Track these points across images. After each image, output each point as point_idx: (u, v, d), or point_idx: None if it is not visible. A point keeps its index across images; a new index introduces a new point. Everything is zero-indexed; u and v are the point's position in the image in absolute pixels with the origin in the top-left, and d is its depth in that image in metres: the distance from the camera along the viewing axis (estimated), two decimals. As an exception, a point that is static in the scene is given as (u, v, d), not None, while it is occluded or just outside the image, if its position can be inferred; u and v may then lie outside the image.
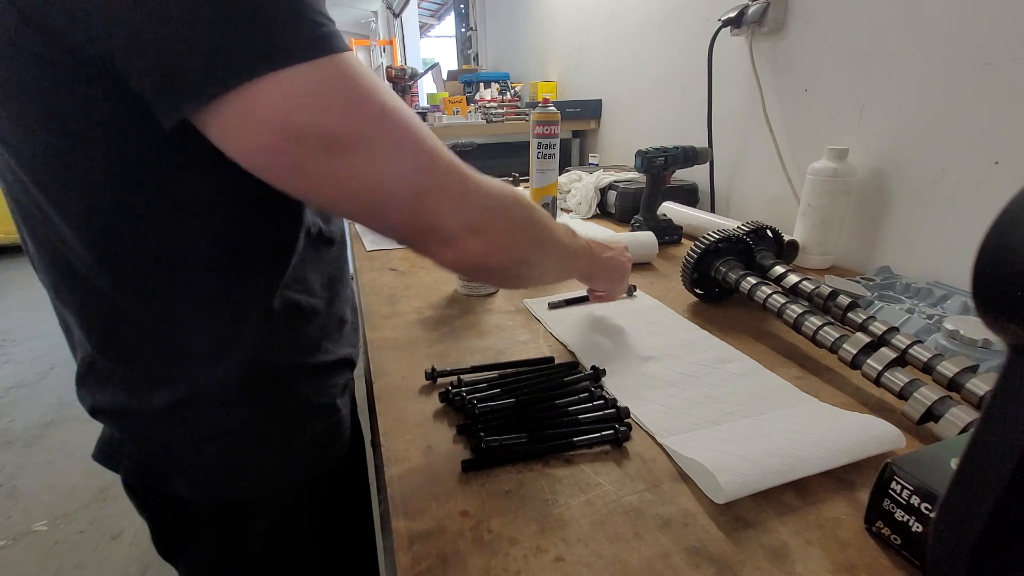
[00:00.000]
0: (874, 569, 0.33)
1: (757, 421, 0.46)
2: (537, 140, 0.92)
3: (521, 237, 0.40)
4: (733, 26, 1.06)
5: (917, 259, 0.80)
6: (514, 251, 0.40)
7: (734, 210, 1.19)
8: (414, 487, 0.40)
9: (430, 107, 2.36)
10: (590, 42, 1.85)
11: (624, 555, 0.34)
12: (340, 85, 0.31)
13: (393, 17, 6.28)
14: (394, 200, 0.34)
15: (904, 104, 0.79)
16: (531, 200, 0.42)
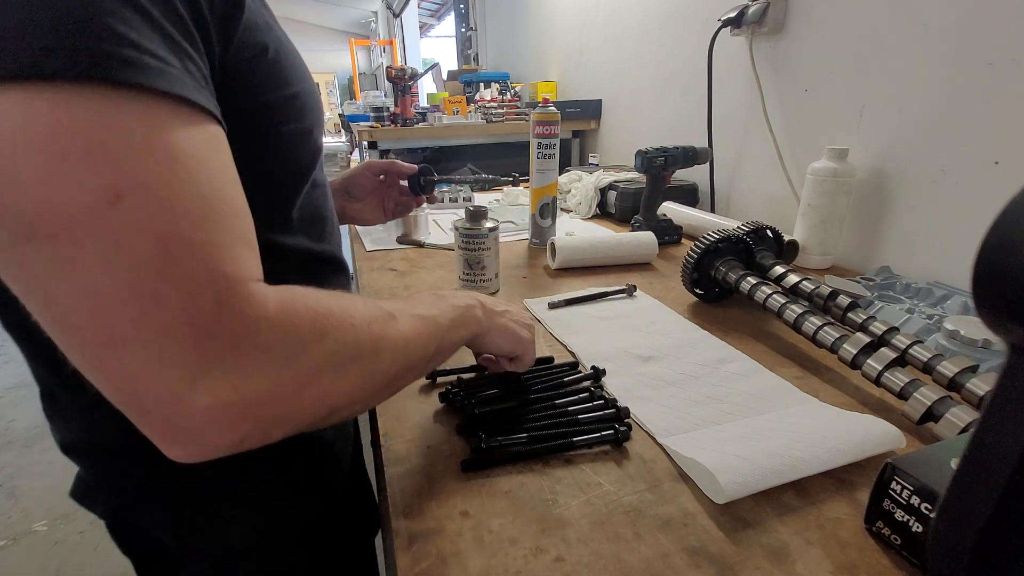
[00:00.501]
0: (874, 569, 0.33)
1: (757, 421, 0.46)
2: (537, 140, 0.92)
3: (321, 391, 0.28)
4: (733, 26, 1.06)
5: (917, 259, 0.80)
6: (309, 413, 0.28)
7: (734, 210, 1.19)
8: (414, 487, 0.40)
9: (430, 107, 2.36)
10: (590, 42, 1.85)
11: (624, 555, 0.34)
12: (60, 134, 0.21)
13: (393, 17, 6.29)
14: (75, 339, 0.23)
15: (904, 104, 0.79)
16: (355, 308, 0.32)
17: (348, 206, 0.72)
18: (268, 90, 0.35)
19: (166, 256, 0.23)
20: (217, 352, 0.24)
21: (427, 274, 0.86)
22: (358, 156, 3.59)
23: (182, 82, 0.25)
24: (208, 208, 0.25)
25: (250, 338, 0.25)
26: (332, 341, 0.29)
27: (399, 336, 0.34)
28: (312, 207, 0.44)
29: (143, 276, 0.23)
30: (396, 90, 1.92)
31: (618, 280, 0.81)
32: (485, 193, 1.55)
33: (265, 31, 0.35)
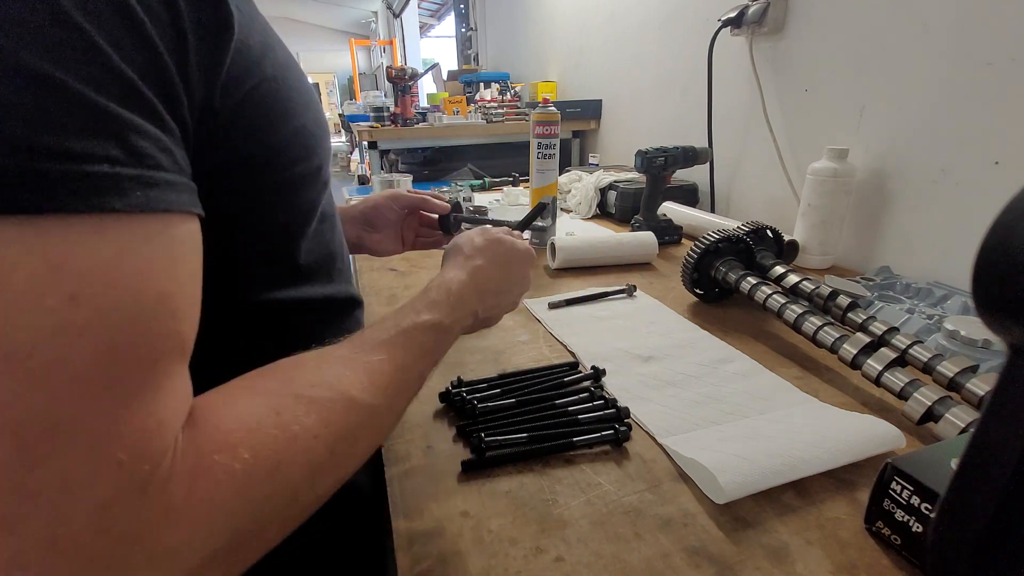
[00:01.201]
0: (874, 569, 0.33)
1: (757, 421, 0.46)
2: (537, 140, 0.92)
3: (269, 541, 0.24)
4: (733, 26, 1.06)
5: (917, 259, 0.80)
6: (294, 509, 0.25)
7: (734, 210, 1.19)
8: (414, 487, 0.40)
9: (430, 107, 2.37)
10: (590, 42, 1.85)
11: (624, 555, 0.34)
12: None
13: (393, 17, 6.29)
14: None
15: (904, 104, 0.79)
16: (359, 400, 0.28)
17: (367, 236, 0.65)
18: (268, 128, 0.31)
19: (26, 461, 0.17)
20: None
21: (427, 274, 0.86)
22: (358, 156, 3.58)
23: (118, 184, 0.19)
24: (114, 363, 0.19)
25: (155, 546, 0.19)
26: (281, 506, 0.23)
27: (374, 436, 0.30)
28: (320, 245, 0.39)
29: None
30: (396, 90, 1.93)
31: (618, 280, 0.81)
32: (485, 193, 1.55)
33: (260, 57, 0.29)
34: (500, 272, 0.44)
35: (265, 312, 0.35)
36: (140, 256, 0.20)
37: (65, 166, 0.18)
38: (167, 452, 0.20)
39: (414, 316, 0.35)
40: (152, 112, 0.21)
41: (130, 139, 0.20)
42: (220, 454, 0.21)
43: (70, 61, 0.18)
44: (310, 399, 0.26)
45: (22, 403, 0.17)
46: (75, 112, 0.18)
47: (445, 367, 0.57)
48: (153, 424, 0.20)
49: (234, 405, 0.24)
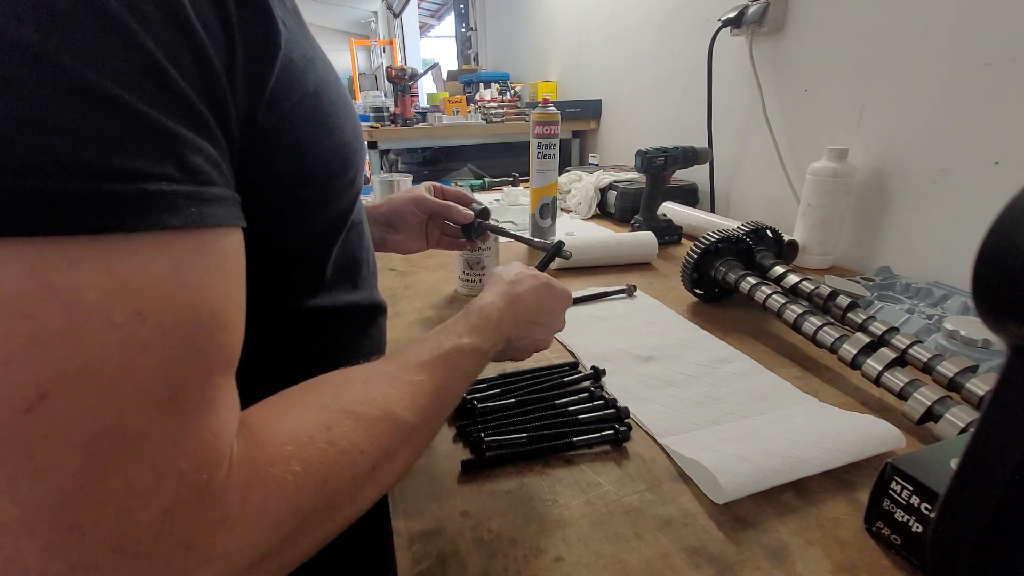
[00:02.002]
0: (874, 569, 0.33)
1: (757, 421, 0.46)
2: (537, 140, 0.92)
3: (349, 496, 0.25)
4: (733, 26, 1.06)
5: (917, 259, 0.80)
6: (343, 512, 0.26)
7: (734, 210, 1.19)
8: (414, 487, 0.40)
9: (430, 107, 2.36)
10: (590, 42, 1.85)
11: (624, 555, 0.34)
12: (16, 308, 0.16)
13: (393, 17, 6.28)
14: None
15: (904, 104, 0.79)
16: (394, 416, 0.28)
17: (390, 238, 0.65)
18: (308, 142, 0.30)
19: (97, 471, 0.17)
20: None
21: (427, 274, 0.86)
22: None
23: (174, 202, 0.19)
24: (176, 376, 0.19)
25: (211, 551, 0.20)
26: (326, 517, 0.24)
27: (412, 455, 0.31)
28: (348, 253, 0.40)
29: (59, 500, 0.17)
30: (396, 90, 1.93)
31: (618, 280, 0.81)
32: (485, 193, 1.55)
33: (303, 72, 0.29)
34: (537, 304, 0.45)
35: (291, 319, 0.35)
36: (195, 271, 0.20)
37: (128, 186, 0.18)
38: (223, 462, 0.21)
39: (456, 339, 0.36)
40: (206, 128, 0.21)
41: (186, 156, 0.20)
42: (274, 467, 0.22)
43: (134, 82, 0.18)
44: (358, 415, 0.26)
45: (93, 416, 0.17)
46: (137, 132, 0.18)
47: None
48: (210, 436, 0.20)
49: (286, 418, 0.25)
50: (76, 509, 0.17)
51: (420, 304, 0.74)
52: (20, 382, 0.16)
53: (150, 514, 0.18)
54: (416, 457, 0.31)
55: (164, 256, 0.19)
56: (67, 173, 0.17)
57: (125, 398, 0.18)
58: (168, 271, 0.19)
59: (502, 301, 0.42)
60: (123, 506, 0.18)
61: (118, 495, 0.18)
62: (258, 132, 0.26)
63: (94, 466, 0.17)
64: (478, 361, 0.37)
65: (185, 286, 0.20)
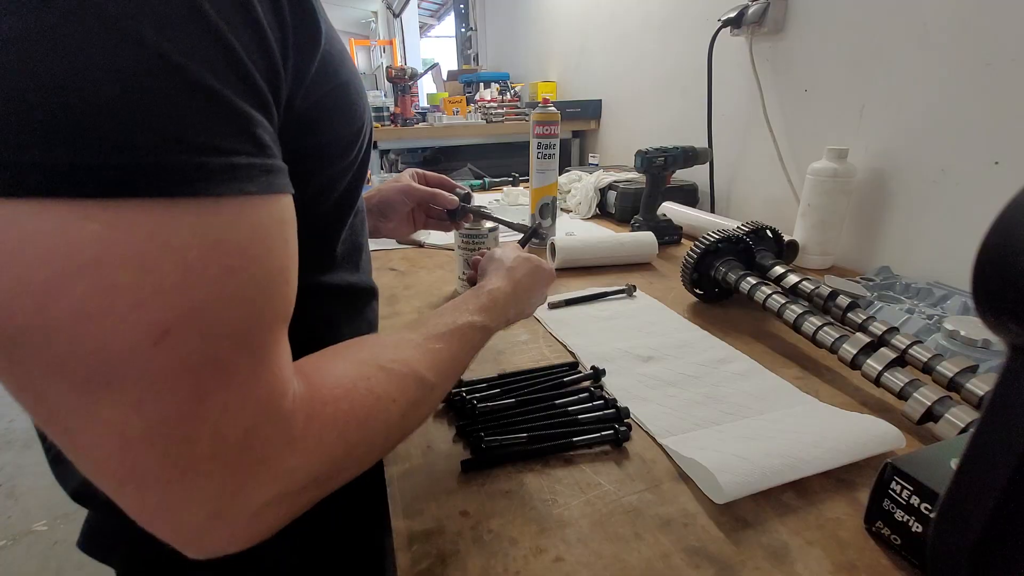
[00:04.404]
0: (874, 569, 0.33)
1: (757, 421, 0.46)
2: (537, 140, 0.92)
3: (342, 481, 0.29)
4: (733, 26, 1.06)
5: (917, 259, 0.80)
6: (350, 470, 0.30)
7: (734, 210, 1.19)
8: (414, 487, 0.40)
9: (430, 107, 2.37)
10: (590, 42, 1.85)
11: (624, 555, 0.34)
12: (108, 261, 0.19)
13: (393, 17, 6.28)
14: (94, 470, 0.22)
15: (904, 104, 0.79)
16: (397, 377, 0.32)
17: (383, 226, 0.71)
18: (332, 130, 0.35)
19: (201, 394, 0.22)
20: (242, 483, 0.23)
21: (427, 274, 0.86)
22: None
23: (250, 173, 0.23)
24: (256, 320, 0.24)
25: (278, 466, 0.25)
26: (364, 450, 0.29)
27: (430, 409, 0.36)
28: (353, 237, 0.44)
29: (175, 418, 0.22)
30: (396, 90, 1.93)
31: (618, 280, 0.81)
32: (485, 193, 1.55)
33: (338, 64, 0.33)
34: (532, 286, 0.51)
35: (305, 294, 0.39)
36: (267, 232, 0.24)
37: (218, 160, 0.21)
38: (288, 394, 0.25)
39: (468, 316, 0.41)
40: (267, 109, 0.25)
41: (257, 133, 0.23)
42: (327, 405, 0.27)
43: (223, 73, 0.22)
44: (390, 371, 0.32)
45: (199, 351, 0.22)
46: (225, 115, 0.22)
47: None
48: (278, 370, 0.25)
49: (334, 368, 0.30)
50: (185, 424, 0.22)
51: (420, 304, 0.74)
52: (150, 321, 0.20)
53: (236, 432, 0.23)
54: (432, 411, 0.37)
55: (245, 219, 0.23)
56: (180, 149, 0.20)
57: (220, 337, 0.22)
58: (247, 232, 0.23)
59: (508, 286, 0.48)
60: (218, 423, 0.22)
61: (214, 414, 0.22)
62: (295, 112, 0.29)
63: (199, 390, 0.22)
64: (485, 337, 0.43)
65: (259, 245, 0.24)
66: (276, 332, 0.25)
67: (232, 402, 0.23)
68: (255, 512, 0.24)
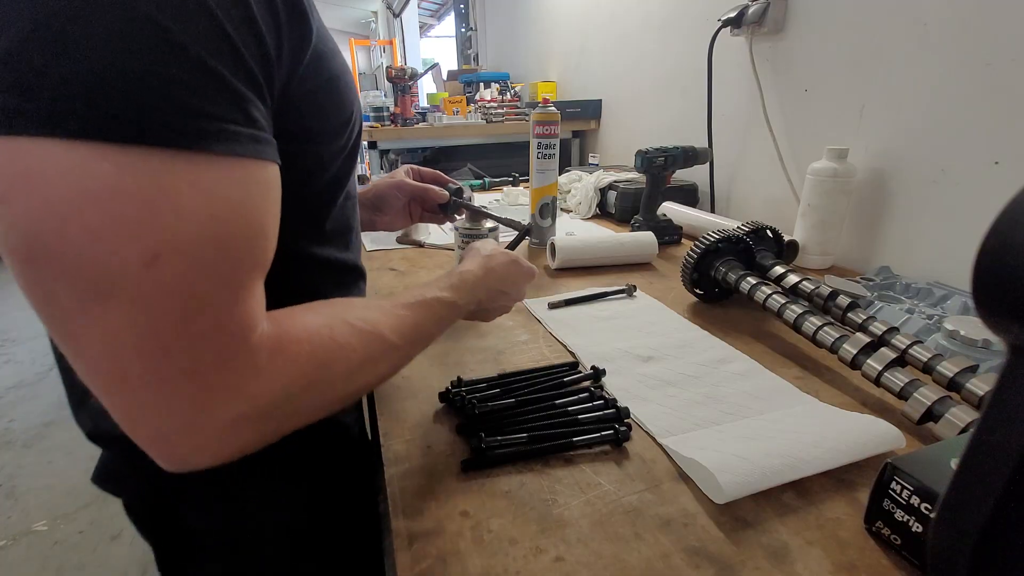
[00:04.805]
0: (874, 569, 0.33)
1: (757, 421, 0.46)
2: (537, 140, 0.92)
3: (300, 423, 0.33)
4: (733, 26, 1.06)
5: (917, 259, 0.80)
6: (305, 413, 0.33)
7: (734, 210, 1.19)
8: (414, 487, 0.40)
9: (430, 107, 2.36)
10: (590, 42, 1.85)
11: (624, 555, 0.34)
12: (116, 196, 0.24)
13: (393, 17, 6.28)
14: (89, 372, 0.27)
15: (904, 104, 0.79)
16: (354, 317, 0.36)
17: (378, 219, 0.75)
18: (324, 116, 0.39)
19: (182, 315, 0.26)
20: (210, 399, 0.27)
21: (427, 274, 0.86)
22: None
23: (239, 138, 0.28)
24: (234, 262, 0.28)
25: (243, 388, 0.28)
26: (323, 388, 0.33)
27: (391, 367, 0.39)
28: (343, 219, 0.47)
29: (159, 331, 0.26)
30: (396, 90, 1.93)
31: (618, 280, 0.81)
32: (485, 193, 1.55)
33: (330, 59, 0.37)
34: (507, 276, 0.54)
35: (295, 262, 0.42)
36: (250, 190, 0.29)
37: (215, 125, 0.26)
38: (256, 330, 0.29)
39: (437, 292, 0.45)
40: (260, 92, 0.30)
41: (249, 109, 0.28)
42: (291, 344, 0.31)
43: (223, 59, 0.27)
44: (353, 326, 0.35)
45: (184, 278, 0.26)
46: (222, 91, 0.27)
47: (445, 367, 0.57)
48: (249, 309, 0.29)
49: (302, 318, 0.33)
50: (166, 339, 0.26)
51: (420, 304, 0.74)
52: (144, 245, 0.24)
53: (208, 354, 0.27)
54: (394, 369, 0.40)
55: (232, 176, 0.27)
56: (180, 111, 0.25)
57: (202, 269, 0.26)
58: (233, 187, 0.28)
59: (480, 271, 0.51)
60: (193, 343, 0.26)
61: (191, 335, 0.26)
62: (289, 99, 0.34)
63: (180, 312, 0.26)
64: (452, 312, 0.46)
65: (243, 200, 0.28)
66: (253, 278, 0.29)
67: (208, 327, 0.27)
68: (222, 428, 0.28)
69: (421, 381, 0.54)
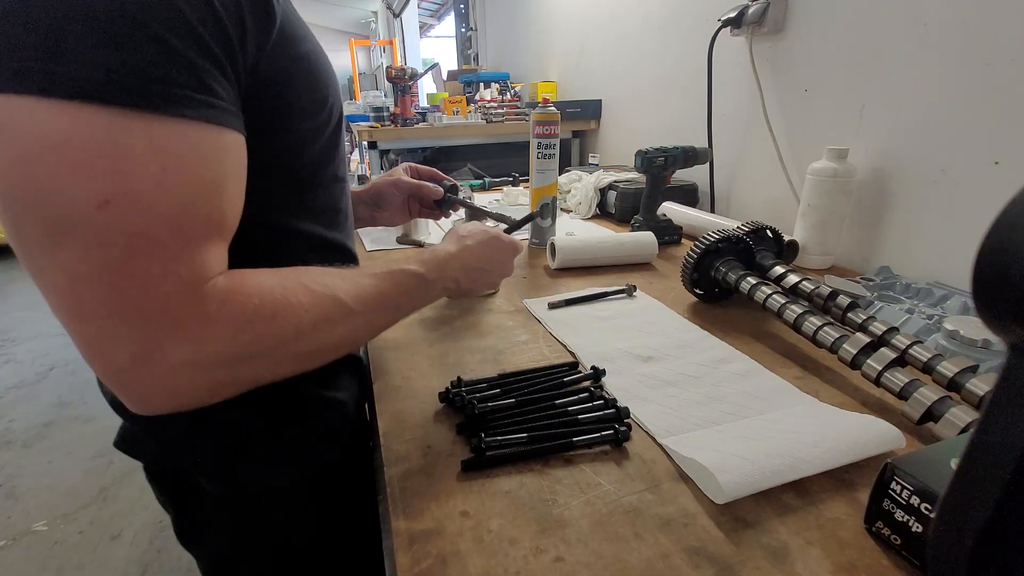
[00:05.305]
0: (874, 569, 0.33)
1: (757, 421, 0.46)
2: (537, 140, 0.92)
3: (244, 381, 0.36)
4: (733, 26, 1.06)
5: (917, 259, 0.80)
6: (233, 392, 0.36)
7: (734, 210, 1.19)
8: (414, 487, 0.40)
9: (430, 107, 2.36)
10: (590, 42, 1.85)
11: (624, 555, 0.34)
12: (72, 145, 0.27)
13: (393, 17, 6.28)
14: (54, 305, 0.30)
15: (904, 104, 0.79)
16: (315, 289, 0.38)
17: (378, 215, 0.77)
18: (297, 94, 0.41)
19: (131, 254, 0.29)
20: (159, 338, 0.30)
21: (427, 274, 0.86)
22: (358, 156, 3.58)
23: (192, 103, 0.30)
24: (184, 214, 0.30)
25: (191, 332, 0.31)
26: (272, 343, 0.35)
27: (348, 332, 0.40)
28: (331, 200, 0.49)
29: (111, 267, 0.28)
30: (396, 90, 1.93)
31: (618, 280, 0.81)
32: (485, 193, 1.55)
33: (299, 42, 0.40)
34: (484, 253, 0.56)
35: (282, 235, 0.44)
36: (202, 151, 0.31)
37: (168, 89, 0.29)
38: (208, 280, 0.32)
39: (404, 264, 0.47)
40: (220, 66, 0.32)
41: (204, 80, 0.31)
42: (241, 296, 0.33)
43: (179, 34, 0.30)
44: (307, 287, 0.37)
45: (133, 221, 0.29)
46: (177, 61, 0.29)
47: (445, 367, 0.57)
48: (201, 261, 0.31)
49: (256, 276, 0.35)
50: (118, 275, 0.29)
51: (420, 304, 0.74)
52: (96, 189, 0.28)
53: (157, 293, 0.30)
54: (352, 336, 0.41)
55: (184, 136, 0.30)
56: (135, 76, 0.28)
57: (153, 215, 0.29)
58: (184, 146, 0.30)
59: (453, 247, 0.54)
60: (144, 282, 0.29)
61: (141, 273, 0.29)
62: (259, 76, 0.36)
63: (131, 250, 0.29)
64: (420, 284, 0.47)
65: (196, 158, 0.31)
66: (208, 232, 0.32)
67: (157, 269, 0.29)
68: (172, 368, 0.31)
69: (421, 381, 0.54)
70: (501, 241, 0.58)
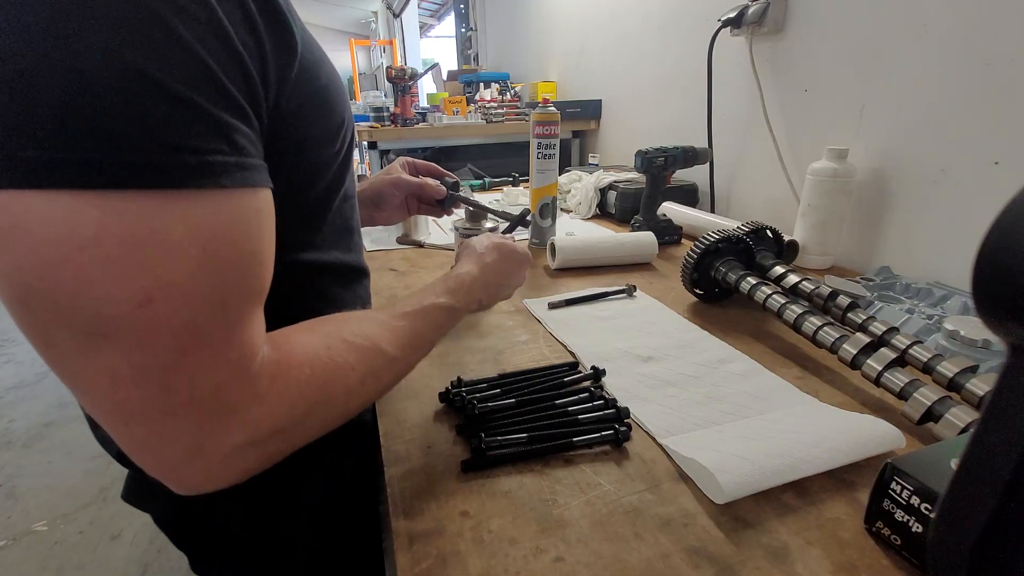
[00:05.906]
0: (874, 569, 0.33)
1: (757, 421, 0.46)
2: (537, 140, 0.92)
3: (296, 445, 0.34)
4: (733, 26, 1.06)
5: (917, 259, 0.80)
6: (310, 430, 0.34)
7: (734, 210, 1.19)
8: (414, 487, 0.40)
9: (430, 107, 2.36)
10: (590, 42, 1.85)
11: (624, 555, 0.34)
12: (104, 239, 0.24)
13: (393, 17, 6.28)
14: (94, 408, 0.27)
15: (904, 104, 0.79)
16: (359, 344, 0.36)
17: (377, 215, 0.76)
18: (316, 125, 0.39)
19: (180, 350, 0.26)
20: (213, 429, 0.28)
21: (427, 274, 0.86)
22: (358, 156, 3.58)
23: (225, 169, 0.27)
24: (230, 293, 0.28)
25: (245, 416, 0.29)
26: (325, 410, 0.34)
27: (392, 379, 0.39)
28: (343, 220, 0.47)
29: (158, 367, 0.26)
30: (396, 90, 1.92)
31: (618, 280, 0.81)
32: (485, 193, 1.55)
33: (317, 68, 0.37)
34: (502, 267, 0.55)
35: (298, 270, 0.43)
36: (242, 219, 0.28)
37: (196, 158, 0.26)
38: (256, 357, 0.29)
39: (434, 298, 0.45)
40: (245, 117, 0.29)
41: (233, 137, 0.28)
42: (291, 369, 0.31)
43: (201, 89, 0.26)
44: (351, 343, 0.35)
45: (179, 315, 0.26)
46: (202, 122, 0.26)
47: (445, 367, 0.57)
48: (248, 338, 0.29)
49: (301, 339, 0.33)
50: (166, 374, 0.26)
51: (420, 304, 0.74)
52: (137, 287, 0.25)
53: (209, 384, 0.27)
54: (396, 381, 0.40)
55: (221, 209, 0.27)
56: (163, 152, 0.25)
57: (197, 304, 0.26)
58: (224, 221, 0.27)
59: (476, 269, 0.52)
60: (193, 376, 0.27)
61: (191, 368, 0.27)
62: (281, 113, 0.34)
63: (178, 347, 0.26)
64: (451, 317, 0.46)
65: (236, 231, 0.28)
66: (250, 305, 0.30)
67: (206, 360, 0.27)
68: (227, 454, 0.29)
69: (421, 381, 0.54)
70: (517, 254, 0.57)
